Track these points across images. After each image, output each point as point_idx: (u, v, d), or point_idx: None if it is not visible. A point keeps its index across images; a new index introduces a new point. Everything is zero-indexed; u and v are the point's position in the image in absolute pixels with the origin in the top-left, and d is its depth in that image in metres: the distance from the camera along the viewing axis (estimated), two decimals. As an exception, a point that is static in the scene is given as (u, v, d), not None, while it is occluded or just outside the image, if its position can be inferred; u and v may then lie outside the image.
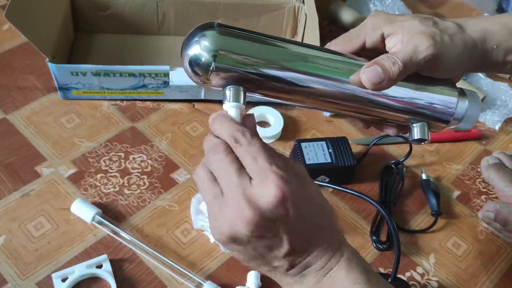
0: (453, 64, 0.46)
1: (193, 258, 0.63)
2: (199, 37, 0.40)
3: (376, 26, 0.47)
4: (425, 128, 0.48)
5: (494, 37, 0.48)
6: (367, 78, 0.43)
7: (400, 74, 0.43)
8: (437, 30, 0.45)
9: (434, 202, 0.70)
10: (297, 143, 0.71)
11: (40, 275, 0.59)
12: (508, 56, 0.49)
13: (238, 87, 0.42)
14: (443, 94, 0.47)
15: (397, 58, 0.43)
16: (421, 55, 0.44)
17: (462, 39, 0.46)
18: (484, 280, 0.65)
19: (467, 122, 0.48)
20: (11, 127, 0.74)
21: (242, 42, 0.41)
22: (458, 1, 1.11)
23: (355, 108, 0.47)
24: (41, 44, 0.70)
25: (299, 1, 0.88)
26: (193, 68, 0.41)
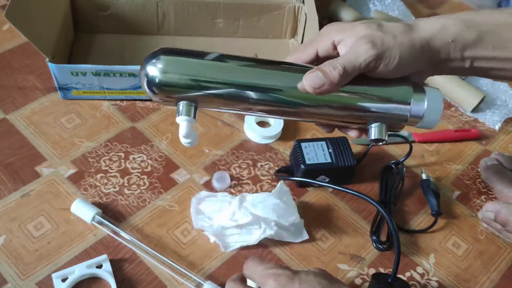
0: (400, 63, 0.46)
1: (193, 258, 0.63)
2: (154, 60, 0.46)
3: (328, 35, 0.48)
4: (382, 129, 0.48)
5: (449, 31, 0.47)
6: (308, 83, 0.45)
7: (341, 78, 0.45)
8: (379, 33, 0.46)
9: (434, 202, 0.70)
10: (297, 143, 0.71)
11: (40, 275, 0.59)
12: (465, 51, 0.48)
13: (190, 103, 0.46)
14: (397, 93, 0.48)
15: (337, 63, 0.45)
16: (361, 58, 0.45)
17: (408, 38, 0.46)
18: (484, 280, 0.65)
19: (428, 120, 0.48)
20: (11, 127, 0.74)
21: (188, 64, 0.46)
22: (457, 1, 1.11)
23: (311, 115, 0.48)
24: (41, 44, 0.70)
25: (299, 1, 0.88)
26: (149, 87, 0.46)
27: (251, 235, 0.63)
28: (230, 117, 0.79)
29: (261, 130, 0.76)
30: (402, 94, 0.48)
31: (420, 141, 0.80)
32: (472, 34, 0.47)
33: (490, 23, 0.48)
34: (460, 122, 0.84)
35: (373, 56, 0.45)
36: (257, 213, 0.63)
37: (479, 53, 0.48)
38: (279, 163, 0.74)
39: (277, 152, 0.75)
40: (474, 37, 0.47)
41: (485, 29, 0.48)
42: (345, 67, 0.45)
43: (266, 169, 0.73)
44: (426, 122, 0.49)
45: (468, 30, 0.47)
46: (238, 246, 0.63)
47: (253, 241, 0.63)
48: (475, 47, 0.48)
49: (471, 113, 0.85)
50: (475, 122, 0.84)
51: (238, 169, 0.72)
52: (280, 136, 0.77)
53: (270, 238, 0.63)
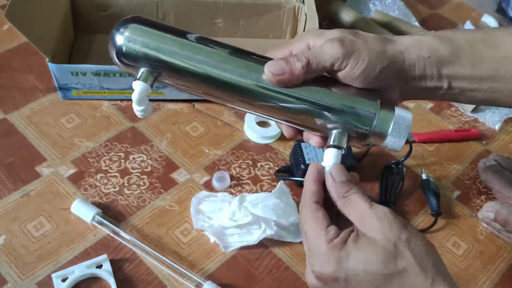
0: (367, 69, 0.44)
1: (193, 258, 0.63)
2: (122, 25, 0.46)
3: (303, 38, 0.47)
4: (343, 137, 0.45)
5: (424, 45, 0.46)
6: (269, 70, 0.44)
7: (303, 69, 0.43)
8: (351, 37, 0.45)
9: (434, 202, 0.70)
10: (297, 143, 0.71)
11: (40, 275, 0.59)
12: (442, 68, 0.46)
13: (151, 71, 0.45)
14: (363, 104, 0.45)
15: (302, 55, 0.44)
16: (327, 55, 0.44)
17: (381, 46, 0.45)
18: (484, 280, 0.65)
19: (391, 141, 0.45)
20: (11, 127, 0.74)
21: (155, 36, 0.45)
22: (458, 1, 1.11)
23: (270, 110, 0.46)
24: (41, 44, 0.70)
25: (299, 1, 0.88)
26: (114, 50, 0.46)
27: (251, 235, 0.63)
28: (230, 117, 0.79)
29: (261, 130, 0.76)
30: (369, 106, 0.45)
31: (420, 141, 0.80)
32: (448, 50, 0.46)
33: (466, 40, 0.47)
34: (460, 122, 0.84)
35: (339, 54, 0.44)
36: (257, 213, 0.63)
37: (457, 71, 0.47)
38: (279, 163, 0.74)
39: (277, 152, 0.75)
40: (449, 52, 0.46)
41: (461, 44, 0.46)
42: (309, 60, 0.44)
43: (266, 169, 0.73)
44: (390, 143, 0.46)
45: (443, 45, 0.46)
46: (238, 246, 0.63)
47: (253, 241, 0.63)
48: (452, 64, 0.46)
49: (471, 113, 0.85)
50: (475, 122, 0.84)
51: (238, 169, 0.72)
52: (280, 136, 0.77)
53: (270, 238, 0.63)
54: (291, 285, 0.62)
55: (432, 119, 0.84)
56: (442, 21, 1.05)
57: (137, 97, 0.45)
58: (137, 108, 0.46)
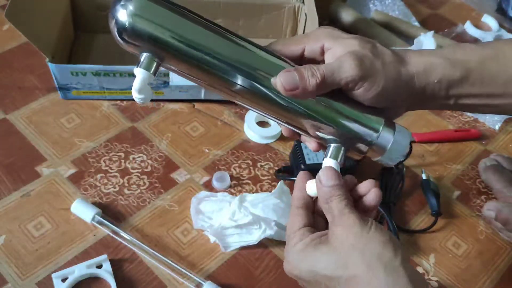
0: (381, 93, 0.43)
1: (193, 258, 0.63)
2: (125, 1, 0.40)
3: (318, 38, 0.46)
4: (340, 151, 0.45)
5: (436, 71, 0.45)
6: (282, 82, 0.42)
7: (317, 87, 0.42)
8: (370, 54, 0.43)
9: (434, 202, 0.70)
10: (297, 143, 0.71)
11: (40, 275, 0.59)
12: (451, 90, 0.46)
13: (153, 57, 0.42)
14: (367, 120, 0.45)
15: (317, 70, 0.42)
16: (344, 74, 0.42)
17: (397, 70, 0.44)
18: (484, 280, 0.65)
19: (390, 157, 0.46)
20: (11, 127, 0.74)
21: (165, 13, 0.41)
22: (458, 1, 1.11)
23: (272, 111, 0.45)
24: (41, 44, 0.70)
25: (299, 1, 0.88)
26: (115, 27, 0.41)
27: (251, 235, 0.63)
28: (230, 117, 0.79)
29: (261, 130, 0.76)
30: (373, 122, 0.45)
31: (420, 141, 0.80)
32: (458, 73, 0.46)
33: (477, 60, 0.46)
34: (460, 122, 0.84)
35: (357, 76, 0.42)
36: (257, 213, 0.63)
37: (465, 90, 0.46)
38: (279, 163, 0.74)
39: (277, 152, 0.75)
40: (459, 75, 0.46)
41: (470, 66, 0.46)
42: (325, 78, 0.42)
43: (266, 169, 0.73)
44: (386, 160, 0.46)
45: (454, 69, 0.45)
46: (238, 246, 0.63)
47: (253, 241, 0.63)
48: (461, 85, 0.46)
49: (471, 113, 0.85)
50: (475, 122, 0.84)
51: (238, 169, 0.72)
52: (280, 136, 0.77)
53: (270, 238, 0.63)
54: (291, 285, 0.61)
55: (432, 119, 0.84)
56: (442, 21, 1.05)
57: (139, 86, 0.42)
58: (137, 96, 0.43)
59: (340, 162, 0.45)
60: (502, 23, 1.06)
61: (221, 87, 0.44)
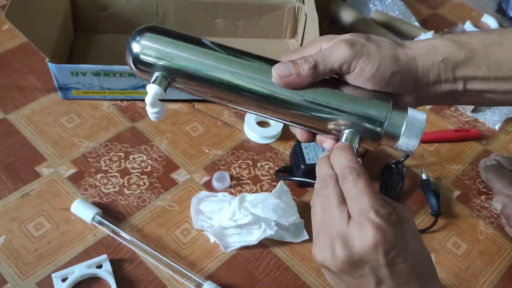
0: (378, 73, 0.43)
1: (193, 258, 0.63)
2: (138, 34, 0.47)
3: (317, 42, 0.47)
4: (355, 137, 0.45)
5: (439, 50, 0.45)
6: (277, 72, 0.44)
7: (310, 71, 0.43)
8: (362, 40, 0.44)
9: (434, 202, 0.70)
10: (297, 143, 0.71)
11: (40, 275, 0.59)
12: (457, 71, 0.46)
13: (164, 75, 0.47)
14: (373, 105, 0.45)
15: (310, 57, 0.44)
16: (335, 57, 0.43)
17: (394, 51, 0.44)
18: (484, 280, 0.65)
19: (404, 143, 0.45)
20: (11, 127, 0.74)
21: (171, 43, 0.46)
22: (458, 1, 1.11)
23: (284, 113, 0.46)
24: (41, 44, 0.70)
25: (299, 1, 0.88)
26: (130, 58, 0.47)
27: (251, 235, 0.63)
28: (230, 117, 0.79)
29: (261, 130, 0.76)
30: (379, 107, 0.44)
31: (420, 141, 0.79)
32: (463, 53, 0.46)
33: (481, 43, 0.46)
34: (460, 122, 0.84)
35: (348, 56, 0.43)
36: (257, 213, 0.63)
37: (472, 72, 0.46)
38: (279, 163, 0.74)
39: (277, 152, 0.75)
40: (465, 55, 0.46)
41: (476, 47, 0.46)
42: (317, 62, 0.43)
43: (266, 169, 0.73)
44: (403, 145, 0.46)
45: (458, 48, 0.46)
46: (238, 247, 0.63)
47: (253, 241, 0.63)
48: (466, 65, 0.46)
49: (471, 113, 0.85)
50: (475, 122, 0.84)
51: (238, 169, 0.72)
52: (280, 136, 0.77)
53: (270, 238, 0.63)
54: (291, 285, 0.62)
55: (432, 119, 0.84)
56: (442, 21, 1.05)
57: (151, 99, 0.46)
58: (151, 111, 0.48)
59: (355, 147, 0.45)
60: (502, 23, 1.06)
61: (231, 100, 0.47)
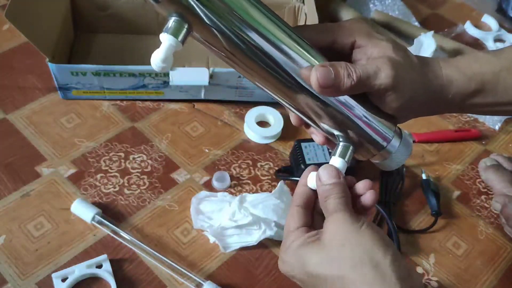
0: (406, 104, 0.44)
1: (193, 258, 0.63)
2: None
3: (351, 32, 0.45)
4: (348, 151, 0.45)
5: (452, 86, 0.45)
6: (317, 77, 0.41)
7: (350, 88, 0.41)
8: (404, 63, 0.43)
9: (434, 202, 0.70)
10: (297, 143, 0.71)
11: (40, 275, 0.59)
12: (465, 101, 0.47)
13: (182, 22, 0.38)
14: (381, 127, 0.45)
15: (354, 72, 0.41)
16: (379, 81, 0.42)
17: (424, 84, 0.44)
18: (484, 280, 0.65)
19: (391, 163, 0.47)
20: (11, 127, 0.74)
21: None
22: (458, 1, 1.11)
23: (290, 99, 0.44)
24: (41, 44, 0.70)
25: (299, 1, 0.88)
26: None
27: (251, 235, 0.63)
28: (230, 117, 0.79)
29: (261, 130, 0.76)
30: (386, 131, 0.45)
31: (420, 141, 0.80)
32: (473, 86, 0.46)
33: (492, 71, 0.46)
34: (460, 122, 0.84)
35: (390, 86, 0.42)
36: (257, 214, 0.63)
37: (479, 101, 0.47)
38: (279, 163, 0.74)
39: (277, 152, 0.75)
40: (474, 88, 0.46)
41: (485, 78, 0.46)
42: (359, 81, 0.41)
43: (266, 169, 0.73)
44: (389, 163, 0.47)
45: (469, 83, 0.46)
46: (238, 247, 0.63)
47: (252, 242, 0.63)
48: (475, 97, 0.46)
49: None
50: (475, 122, 0.84)
51: (238, 169, 0.72)
52: (280, 136, 0.77)
53: (270, 238, 0.63)
54: (291, 285, 0.61)
55: (432, 119, 0.84)
56: (442, 21, 1.05)
57: (164, 55, 0.38)
58: (160, 65, 0.38)
59: (348, 161, 0.45)
60: (502, 23, 1.06)
61: (245, 67, 0.42)
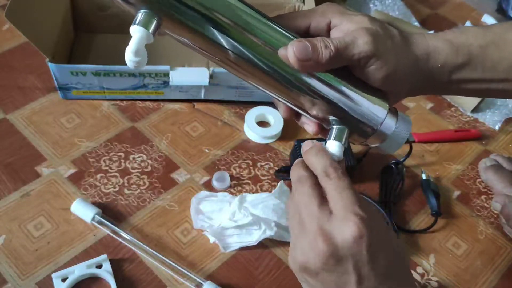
0: (392, 73, 0.43)
1: (193, 258, 0.63)
2: None
3: (325, 13, 0.44)
4: (344, 133, 0.44)
5: (440, 55, 0.45)
6: (294, 52, 0.40)
7: (330, 60, 0.40)
8: (382, 32, 0.43)
9: (434, 202, 0.70)
10: (297, 143, 0.71)
11: (40, 275, 0.59)
12: (453, 75, 0.46)
13: (152, 14, 0.38)
14: (373, 103, 0.44)
15: (331, 42, 0.40)
16: (357, 48, 0.41)
17: (406, 52, 0.44)
18: (484, 280, 0.65)
19: (391, 144, 0.45)
20: (11, 127, 0.74)
21: None
22: (458, 1, 1.11)
23: (276, 87, 0.43)
24: (41, 44, 0.70)
25: (299, 1, 0.88)
26: None
27: (251, 235, 0.63)
28: (230, 117, 0.79)
29: (261, 130, 0.76)
30: (378, 107, 0.44)
31: (420, 141, 0.80)
32: (460, 58, 0.45)
33: (479, 44, 0.46)
34: (460, 122, 0.84)
35: (371, 52, 0.41)
36: (257, 214, 0.63)
37: (467, 75, 0.46)
38: (279, 163, 0.74)
39: (277, 152, 0.75)
40: (462, 60, 0.45)
41: (473, 50, 0.46)
42: (338, 51, 0.40)
43: (266, 169, 0.73)
44: (387, 146, 0.46)
45: (456, 54, 0.45)
46: (238, 247, 0.63)
47: (252, 242, 0.63)
48: (463, 70, 0.46)
49: (471, 113, 0.85)
50: (475, 122, 0.84)
51: (238, 169, 0.72)
52: (280, 136, 0.77)
53: (270, 238, 0.63)
54: (291, 285, 0.62)
55: (432, 119, 0.84)
56: (442, 21, 1.05)
57: (135, 46, 0.37)
58: (132, 58, 0.38)
59: (344, 144, 0.44)
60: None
61: (221, 57, 0.41)
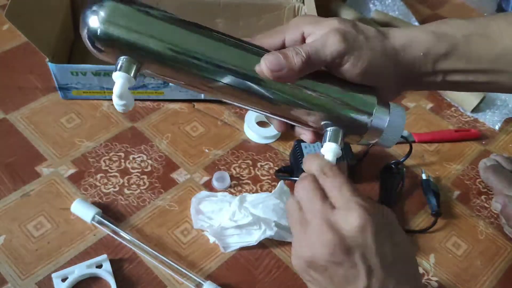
0: (368, 68, 0.43)
1: (193, 258, 0.63)
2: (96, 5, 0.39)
3: (298, 25, 0.45)
4: (339, 134, 0.44)
5: (421, 44, 0.45)
6: (266, 65, 0.41)
7: (303, 65, 0.41)
8: (352, 30, 0.43)
9: (434, 202, 0.70)
10: (297, 143, 0.71)
11: (40, 275, 0.59)
12: (437, 64, 0.45)
13: (132, 60, 0.40)
14: (360, 100, 0.44)
15: (301, 49, 0.41)
16: (329, 49, 0.42)
17: (381, 43, 0.44)
18: (484, 280, 0.65)
19: (388, 136, 0.45)
20: (11, 127, 0.74)
21: (138, 16, 0.40)
22: (458, 1, 1.11)
23: (263, 105, 0.44)
24: (41, 44, 0.70)
25: (299, 1, 0.88)
26: (86, 33, 0.39)
27: (251, 235, 0.63)
28: (230, 117, 0.79)
29: (261, 130, 0.76)
30: (366, 102, 0.44)
31: (420, 141, 0.80)
32: (443, 46, 0.45)
33: (462, 34, 0.46)
34: (460, 122, 0.84)
35: (342, 49, 0.42)
36: (257, 214, 0.63)
37: (451, 66, 0.46)
38: (279, 163, 0.74)
39: (277, 152, 0.75)
40: (445, 49, 0.45)
41: (457, 40, 0.46)
42: (309, 55, 0.41)
43: (266, 169, 0.73)
44: (385, 139, 0.45)
45: (439, 43, 0.45)
46: (238, 247, 0.63)
47: (252, 242, 0.63)
48: (446, 60, 0.46)
49: (471, 113, 0.85)
50: (475, 122, 0.84)
51: (238, 169, 0.72)
52: (280, 136, 0.77)
53: (270, 238, 0.63)
54: (291, 285, 0.62)
55: (432, 119, 0.84)
56: (442, 21, 1.05)
57: (119, 90, 0.40)
58: (118, 103, 0.42)
59: (341, 145, 0.44)
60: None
61: (206, 88, 0.43)
